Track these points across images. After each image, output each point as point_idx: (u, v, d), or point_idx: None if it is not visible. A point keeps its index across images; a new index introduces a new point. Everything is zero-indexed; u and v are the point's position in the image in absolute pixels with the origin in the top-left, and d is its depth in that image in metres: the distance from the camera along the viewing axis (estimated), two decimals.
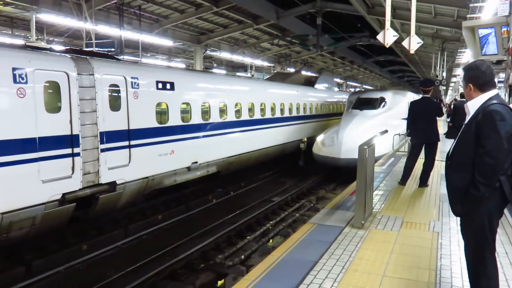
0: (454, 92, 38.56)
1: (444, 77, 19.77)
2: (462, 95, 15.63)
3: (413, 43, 7.55)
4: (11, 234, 6.32)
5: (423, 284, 3.71)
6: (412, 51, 7.71)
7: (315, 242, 4.74)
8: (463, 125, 3.12)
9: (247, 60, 24.67)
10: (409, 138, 7.97)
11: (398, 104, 15.65)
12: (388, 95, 15.67)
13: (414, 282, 3.74)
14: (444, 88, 26.18)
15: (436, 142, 7.56)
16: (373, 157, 5.84)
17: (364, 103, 15.07)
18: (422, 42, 8.06)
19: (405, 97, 17.11)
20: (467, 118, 3.08)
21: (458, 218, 3.20)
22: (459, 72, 22.76)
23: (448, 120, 16.70)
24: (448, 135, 13.76)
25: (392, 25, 9.01)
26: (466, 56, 17.59)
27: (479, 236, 2.95)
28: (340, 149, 12.37)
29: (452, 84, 37.98)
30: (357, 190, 5.28)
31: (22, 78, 6.40)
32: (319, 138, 14.18)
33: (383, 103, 15.10)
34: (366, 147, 5.19)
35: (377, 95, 15.74)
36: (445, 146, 11.39)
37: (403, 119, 14.39)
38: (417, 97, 20.24)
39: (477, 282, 3.02)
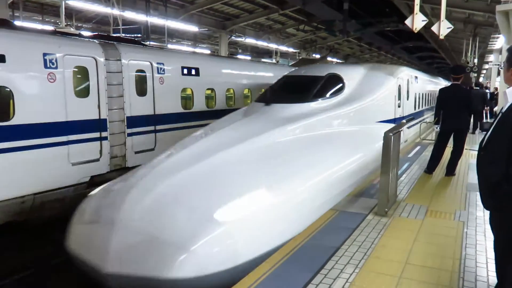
0: (486, 80, 37.32)
1: (476, 64, 19.16)
2: (476, 84, 15.26)
3: (443, 28, 7.36)
4: (42, 214, 6.58)
5: (446, 272, 3.67)
6: (442, 37, 7.52)
7: (337, 228, 4.73)
8: (500, 114, 2.96)
9: (272, 46, 24.52)
10: (436, 126, 7.78)
11: (375, 91, 7.96)
12: (349, 73, 8.10)
13: (437, 270, 3.71)
14: (476, 75, 25.34)
15: (466, 130, 7.38)
16: (398, 144, 5.75)
17: (289, 90, 7.59)
18: (453, 27, 7.84)
19: (393, 77, 8.83)
20: (505, 106, 2.88)
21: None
22: (492, 58, 21.96)
23: None
24: None
25: (422, 10, 8.77)
26: (500, 42, 16.96)
27: (510, 233, 2.77)
28: (108, 246, 3.93)
29: (484, 71, 36.76)
30: (381, 177, 5.23)
31: (53, 63, 6.58)
32: (83, 205, 4.89)
33: (335, 90, 7.51)
34: (391, 134, 5.12)
35: (322, 71, 7.89)
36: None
37: (386, 121, 8.09)
38: (424, 76, 14.06)
39: (504, 279, 2.93)
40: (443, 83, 19.25)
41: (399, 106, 9.14)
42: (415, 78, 11.34)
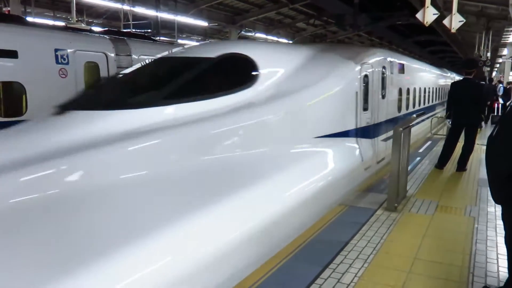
0: (499, 74, 36.78)
1: (489, 58, 18.88)
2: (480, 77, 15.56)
3: (455, 22, 7.27)
4: None
5: (456, 268, 3.65)
6: (453, 30, 7.42)
7: (346, 223, 4.73)
8: (508, 107, 2.94)
9: (282, 40, 24.45)
10: (448, 120, 7.70)
11: (316, 86, 5.04)
12: (271, 55, 5.21)
13: (447, 265, 3.69)
14: (489, 69, 24.97)
15: (477, 125, 7.30)
16: (409, 139, 5.71)
17: (134, 84, 4.68)
18: (465, 21, 7.72)
19: (354, 63, 5.94)
20: None
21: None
22: (506, 52, 21.63)
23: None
24: None
25: (433, 3, 8.66)
26: None
27: None
28: None
29: (497, 65, 36.23)
30: (391, 172, 5.21)
31: (64, 59, 6.64)
32: None
33: (236, 83, 4.45)
34: (401, 129, 5.09)
35: (214, 50, 4.83)
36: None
37: (337, 135, 5.36)
38: (416, 65, 10.52)
39: None
40: (449, 75, 18.26)
41: (365, 110, 6.17)
42: (399, 66, 7.86)
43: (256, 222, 3.57)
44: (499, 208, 3.11)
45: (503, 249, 3.42)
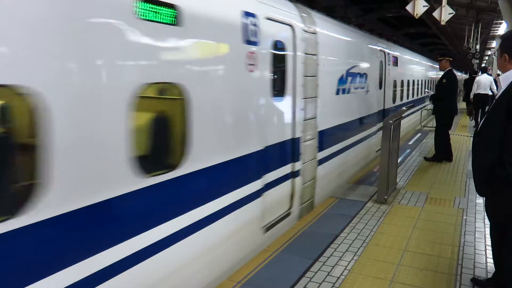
0: (488, 66, 37.11)
1: (478, 50, 18.98)
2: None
3: (444, 14, 7.28)
4: None
5: (445, 259, 3.68)
6: (443, 22, 7.44)
7: (336, 216, 4.74)
8: (494, 100, 2.97)
9: None
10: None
11: None
12: None
13: (436, 257, 3.72)
14: (477, 61, 25.12)
15: (436, 115, 7.65)
16: (398, 132, 5.73)
17: None
18: (454, 13, 7.74)
19: None
20: (499, 93, 2.92)
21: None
22: (494, 44, 21.79)
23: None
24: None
25: None
26: (502, 28, 16.81)
27: (506, 218, 2.77)
28: None
29: (485, 58, 36.53)
30: (380, 165, 5.22)
31: None
32: None
33: None
34: (391, 121, 5.09)
35: None
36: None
37: None
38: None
39: (501, 265, 2.94)
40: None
41: None
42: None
43: None
44: None
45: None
